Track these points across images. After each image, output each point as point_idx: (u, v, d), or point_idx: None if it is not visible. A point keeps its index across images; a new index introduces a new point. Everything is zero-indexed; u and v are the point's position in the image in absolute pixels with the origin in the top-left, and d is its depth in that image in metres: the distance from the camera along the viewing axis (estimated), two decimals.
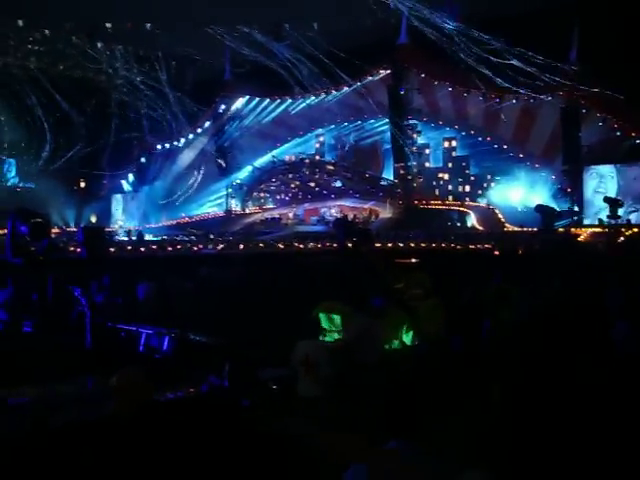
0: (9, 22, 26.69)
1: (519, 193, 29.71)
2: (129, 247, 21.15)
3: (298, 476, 4.46)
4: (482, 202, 31.71)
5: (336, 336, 8.28)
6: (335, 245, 21.77)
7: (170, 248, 21.24)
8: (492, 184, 32.18)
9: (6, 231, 15.19)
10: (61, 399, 6.28)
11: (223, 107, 38.34)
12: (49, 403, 6.03)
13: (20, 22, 26.82)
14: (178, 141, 37.26)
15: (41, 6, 27.40)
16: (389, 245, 23.17)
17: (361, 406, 5.74)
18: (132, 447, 4.03)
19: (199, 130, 38.22)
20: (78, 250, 17.00)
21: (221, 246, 22.36)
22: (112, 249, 19.06)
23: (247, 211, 37.19)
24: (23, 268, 13.67)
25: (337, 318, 8.41)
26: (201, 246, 22.09)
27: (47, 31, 27.59)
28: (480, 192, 32.62)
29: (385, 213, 31.36)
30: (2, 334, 11.89)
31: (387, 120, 32.77)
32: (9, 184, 32.85)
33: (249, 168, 38.05)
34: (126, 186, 38.06)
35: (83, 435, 4.37)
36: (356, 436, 4.64)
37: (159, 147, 37.49)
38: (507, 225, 28.66)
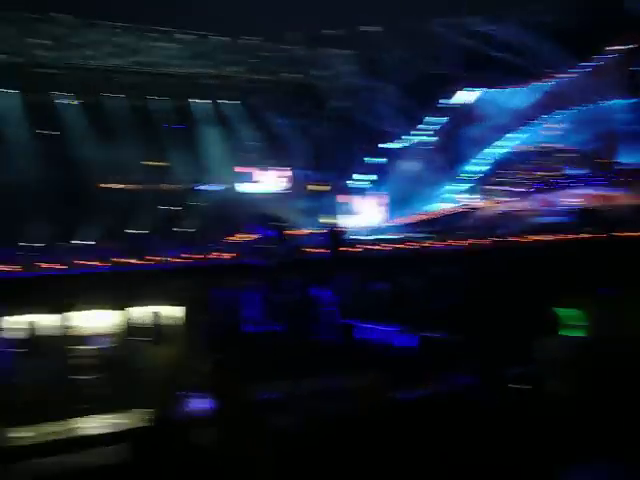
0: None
1: None
2: (366, 246, 21.73)
3: None
4: None
5: (578, 331, 8.03)
6: (573, 236, 20.90)
7: (403, 246, 21.54)
8: None
9: (252, 236, 16.45)
10: (322, 393, 6.73)
11: (450, 100, 38.08)
12: (319, 397, 6.49)
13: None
14: (405, 139, 37.61)
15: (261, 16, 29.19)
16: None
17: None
18: (373, 443, 4.26)
19: (426, 125, 38.29)
20: (321, 251, 17.88)
21: (462, 242, 22.20)
22: (350, 248, 19.81)
23: (481, 204, 36.58)
24: (272, 271, 14.73)
25: (578, 312, 8.15)
26: (434, 243, 22.21)
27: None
28: None
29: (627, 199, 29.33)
30: (257, 334, 12.95)
31: (623, 102, 30.69)
32: None
33: (481, 160, 37.44)
34: (360, 184, 38.93)
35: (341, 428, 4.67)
36: None
37: (388, 145, 38.05)
38: None
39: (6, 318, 12.02)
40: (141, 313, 13.27)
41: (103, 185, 25.55)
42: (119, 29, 26.77)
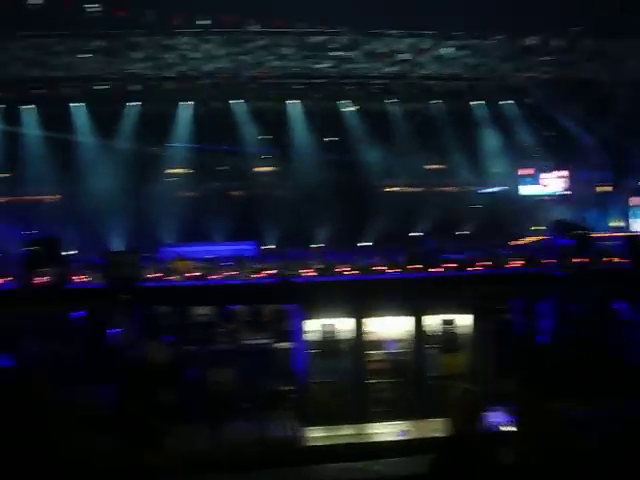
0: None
1: None
2: None
3: None
4: None
5: None
6: None
7: None
8: None
9: (542, 240, 15.52)
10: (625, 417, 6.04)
11: None
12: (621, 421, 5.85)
13: None
14: None
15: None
16: None
17: None
18: None
19: None
20: (619, 260, 16.48)
21: None
22: None
23: None
24: (570, 280, 13.77)
25: None
26: None
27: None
28: None
29: None
30: (553, 348, 12.11)
31: None
32: None
33: None
34: None
35: None
36: None
37: None
38: None
39: (306, 320, 12.42)
40: (432, 320, 13.03)
41: (386, 189, 26.06)
42: (395, 36, 27.06)
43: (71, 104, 26.37)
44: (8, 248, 24.05)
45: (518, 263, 16.36)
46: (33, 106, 26.59)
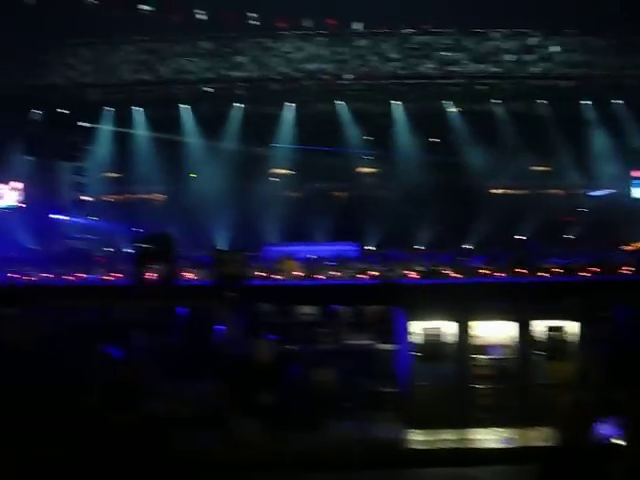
0: None
1: None
2: None
3: None
4: None
5: None
6: None
7: None
8: None
9: None
10: None
11: None
12: None
13: None
14: None
15: None
16: None
17: None
18: None
19: None
20: None
21: None
22: None
23: None
24: None
25: None
26: None
27: None
28: None
29: None
30: None
31: None
32: None
33: None
34: None
35: None
36: None
37: None
38: None
39: (409, 322, 12.40)
40: (538, 326, 12.76)
41: (490, 191, 25.62)
42: (500, 36, 26.52)
43: (180, 105, 27.16)
44: (119, 245, 25.10)
45: (628, 269, 15.71)
46: (141, 109, 27.57)
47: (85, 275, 19.05)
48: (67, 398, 8.96)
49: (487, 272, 15.16)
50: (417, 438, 11.84)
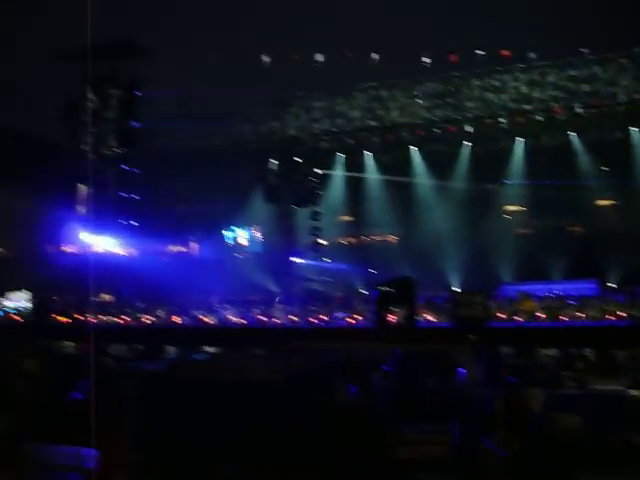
0: None
1: None
2: None
3: None
4: None
5: None
6: None
7: None
8: None
9: None
10: None
11: None
12: None
13: None
14: None
15: None
16: None
17: None
18: None
19: None
20: None
21: None
22: None
23: None
24: None
25: None
26: None
27: None
28: None
29: None
30: None
31: None
32: None
33: None
34: None
35: None
36: None
37: None
38: None
39: None
40: None
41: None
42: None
43: (410, 147, 27.79)
44: (355, 286, 26.02)
45: None
46: (371, 153, 28.56)
47: (326, 317, 19.82)
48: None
49: None
50: None
